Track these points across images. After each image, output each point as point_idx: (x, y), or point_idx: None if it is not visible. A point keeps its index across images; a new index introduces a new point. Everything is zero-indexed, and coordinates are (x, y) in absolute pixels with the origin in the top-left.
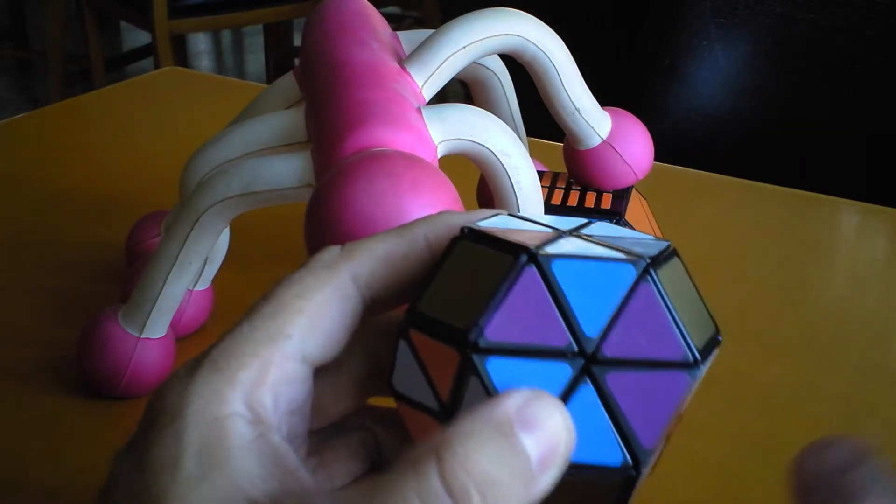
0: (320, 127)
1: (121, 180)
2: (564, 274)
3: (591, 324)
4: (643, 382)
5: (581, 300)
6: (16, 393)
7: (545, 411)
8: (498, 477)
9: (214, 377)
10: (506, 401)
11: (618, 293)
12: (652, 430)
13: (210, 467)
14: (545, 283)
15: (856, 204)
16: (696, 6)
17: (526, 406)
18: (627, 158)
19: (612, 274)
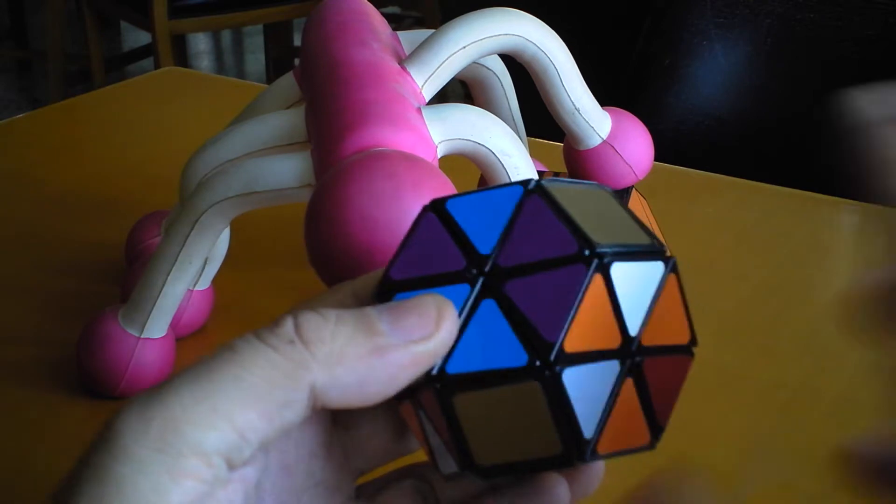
0: (320, 127)
1: (121, 180)
2: (459, 209)
3: (485, 243)
4: (541, 284)
5: (475, 226)
6: (16, 393)
7: (411, 300)
8: (327, 313)
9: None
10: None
11: (509, 210)
12: (553, 326)
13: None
14: (442, 222)
15: (856, 204)
16: (696, 6)
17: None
18: (627, 158)
19: (502, 197)
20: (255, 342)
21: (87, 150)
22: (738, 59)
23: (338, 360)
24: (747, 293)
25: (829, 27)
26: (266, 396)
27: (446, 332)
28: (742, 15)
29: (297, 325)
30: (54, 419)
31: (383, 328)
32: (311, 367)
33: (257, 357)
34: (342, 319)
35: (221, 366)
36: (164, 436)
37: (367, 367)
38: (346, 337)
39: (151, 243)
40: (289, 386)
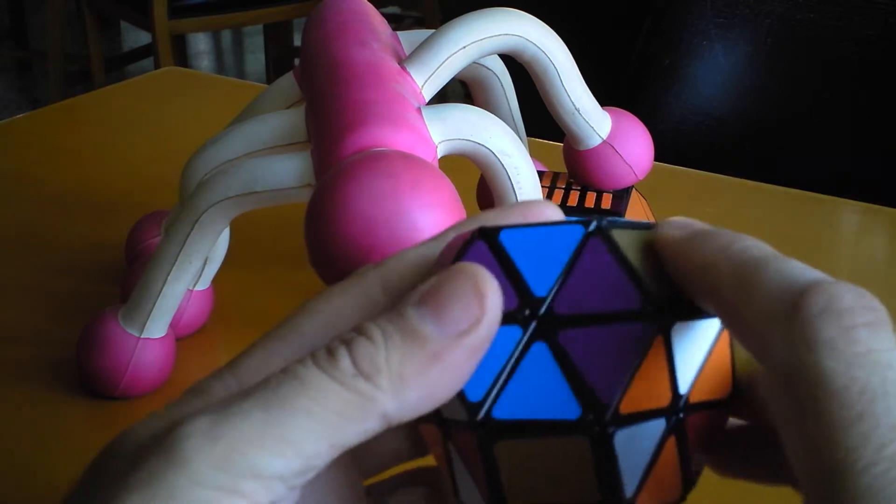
0: (320, 127)
1: (121, 180)
2: (513, 242)
3: (541, 285)
4: (599, 337)
5: (530, 264)
6: (16, 393)
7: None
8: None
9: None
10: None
11: (567, 252)
12: (611, 385)
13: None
14: (494, 253)
15: (856, 204)
16: (696, 6)
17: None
18: (627, 158)
19: (562, 236)
20: (322, 375)
21: (87, 150)
22: (738, 59)
23: (401, 383)
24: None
25: (829, 27)
26: (339, 429)
27: (493, 312)
28: (742, 15)
29: (353, 358)
30: (54, 419)
31: (430, 331)
32: (378, 398)
33: (327, 391)
34: (389, 337)
35: (292, 396)
36: (229, 455)
37: (430, 378)
38: (399, 356)
39: (151, 243)
40: (361, 419)
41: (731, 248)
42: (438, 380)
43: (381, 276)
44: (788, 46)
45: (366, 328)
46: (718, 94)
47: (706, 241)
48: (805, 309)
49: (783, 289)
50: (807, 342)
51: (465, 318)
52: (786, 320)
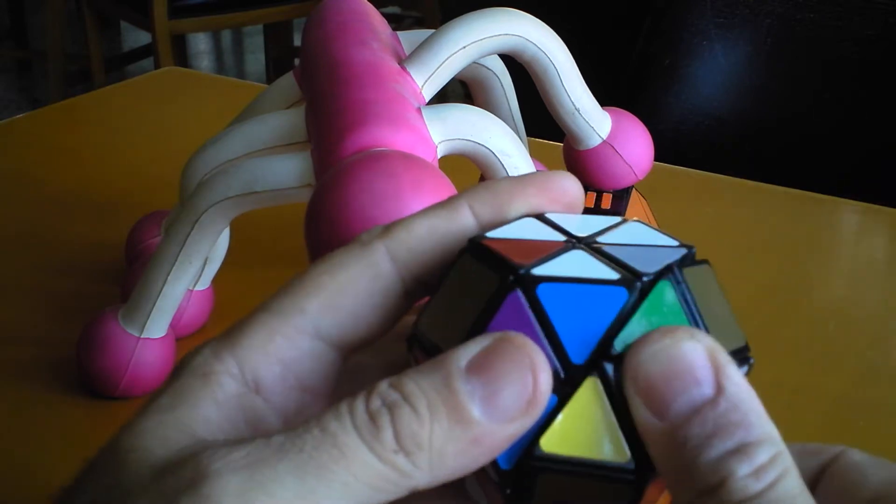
0: (320, 127)
1: (121, 180)
2: (551, 297)
3: (579, 349)
4: None
5: (568, 324)
6: (16, 393)
7: (502, 358)
8: (416, 403)
9: (221, 343)
10: (461, 347)
11: (608, 316)
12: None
13: (176, 406)
14: (531, 307)
15: (856, 204)
16: (696, 6)
17: (482, 352)
18: (627, 158)
19: (602, 297)
20: (362, 445)
21: (87, 150)
22: (738, 59)
23: (439, 463)
24: (747, 293)
25: (829, 27)
26: (370, 498)
27: (543, 398)
28: (742, 15)
29: (396, 432)
30: (54, 419)
31: (477, 416)
32: (414, 476)
33: (366, 464)
34: (436, 413)
35: (329, 464)
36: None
37: (468, 457)
38: (442, 436)
39: (151, 243)
40: (392, 493)
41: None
42: (474, 459)
43: (389, 248)
44: (788, 46)
45: (410, 394)
46: (718, 94)
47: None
48: None
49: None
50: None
51: (516, 406)
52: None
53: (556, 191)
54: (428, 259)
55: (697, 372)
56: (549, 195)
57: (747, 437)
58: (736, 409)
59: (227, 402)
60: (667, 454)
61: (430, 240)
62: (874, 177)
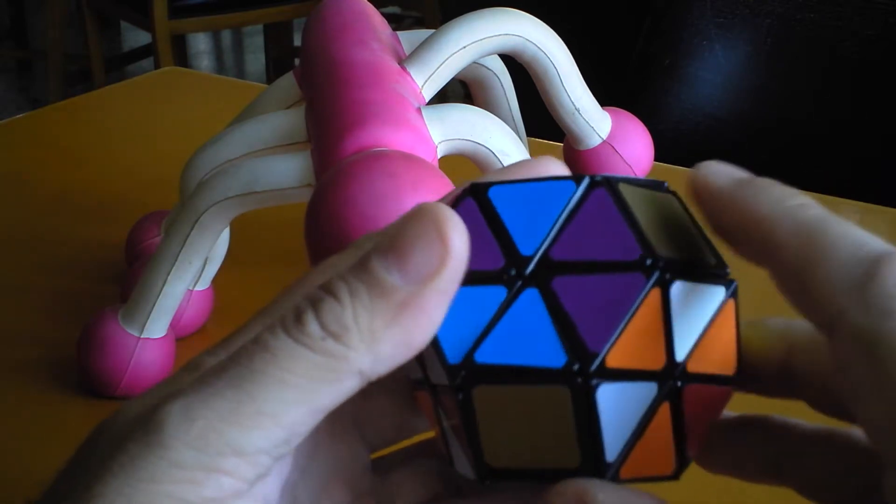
0: (320, 127)
1: (121, 180)
2: (503, 199)
3: (530, 242)
4: (593, 286)
5: (521, 221)
6: (16, 393)
7: (409, 225)
8: (337, 290)
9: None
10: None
11: (563, 204)
12: (600, 335)
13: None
14: (481, 209)
15: (856, 204)
16: (696, 6)
17: (391, 227)
18: (627, 158)
19: (558, 190)
20: (291, 342)
21: (87, 150)
22: (738, 59)
23: (372, 338)
24: (747, 293)
25: (829, 27)
26: (314, 394)
27: (458, 248)
28: (742, 15)
29: (320, 321)
30: (54, 419)
31: (395, 280)
32: (351, 357)
33: (297, 357)
34: (355, 293)
35: (263, 368)
36: (206, 435)
37: (401, 327)
38: (367, 311)
39: (151, 243)
40: (335, 380)
41: (788, 203)
42: (410, 328)
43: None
44: (788, 46)
45: (331, 286)
46: (718, 94)
47: (759, 192)
48: (881, 278)
49: (855, 255)
50: (888, 311)
51: (429, 263)
52: (860, 288)
53: (542, 171)
54: None
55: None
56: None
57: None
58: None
59: None
60: (803, 235)
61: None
62: (874, 177)
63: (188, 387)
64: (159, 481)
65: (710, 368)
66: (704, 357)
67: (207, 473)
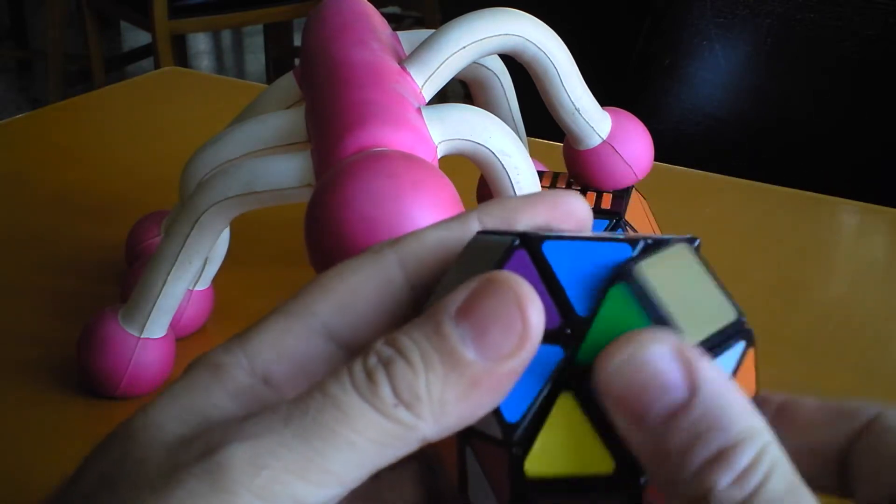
0: (320, 127)
1: (121, 180)
2: (556, 253)
3: (583, 301)
4: None
5: (574, 280)
6: (16, 393)
7: (488, 297)
8: (410, 355)
9: (232, 341)
10: (449, 297)
11: (607, 273)
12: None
13: (189, 393)
14: (535, 263)
15: (856, 204)
16: (696, 6)
17: (469, 295)
18: (627, 158)
19: (606, 252)
20: (363, 403)
21: (87, 150)
22: (738, 59)
23: (441, 411)
24: (747, 293)
25: (829, 27)
26: (378, 458)
27: (536, 333)
28: (742, 15)
29: (393, 386)
30: (54, 419)
31: (471, 357)
32: (419, 428)
33: (368, 421)
34: (429, 362)
35: (333, 426)
36: (271, 487)
37: (470, 402)
38: (440, 384)
39: (151, 243)
40: (401, 447)
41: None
42: (478, 403)
43: (399, 257)
44: (788, 46)
45: (403, 348)
46: (718, 94)
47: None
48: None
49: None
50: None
51: (508, 343)
52: None
53: (564, 209)
54: (437, 268)
55: (666, 377)
56: (557, 213)
57: (726, 440)
58: (712, 409)
59: (238, 393)
60: (654, 463)
61: (440, 249)
62: (874, 177)
63: (249, 426)
64: None
65: None
66: None
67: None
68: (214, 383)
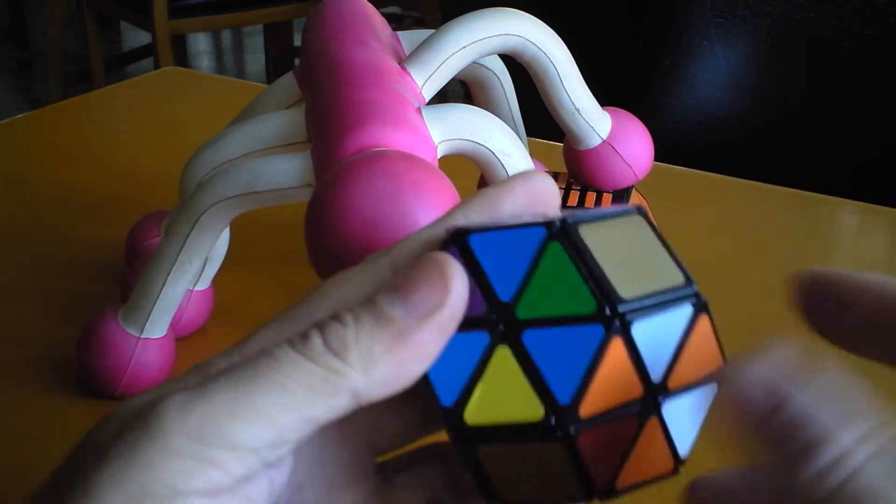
0: (320, 127)
1: (121, 180)
2: (482, 246)
3: (507, 289)
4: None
5: (498, 268)
6: (16, 393)
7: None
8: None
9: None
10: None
11: (531, 254)
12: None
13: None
14: (463, 255)
15: (856, 204)
16: (696, 6)
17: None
18: (627, 158)
19: (526, 238)
20: (294, 353)
21: (87, 150)
22: (738, 59)
23: (369, 361)
24: (747, 293)
25: (829, 27)
26: (310, 404)
27: (458, 291)
28: (742, 15)
29: (324, 338)
30: (54, 419)
31: (397, 313)
32: (347, 374)
33: (298, 367)
34: (359, 319)
35: (265, 372)
36: (203, 427)
37: (397, 356)
38: (368, 336)
39: (151, 243)
40: (330, 394)
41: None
42: (406, 358)
43: (392, 260)
44: (788, 46)
45: (339, 314)
46: (718, 94)
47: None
48: None
49: None
50: None
51: (430, 300)
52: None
53: (534, 189)
54: None
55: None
56: (532, 192)
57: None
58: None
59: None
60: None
61: (430, 247)
62: (874, 177)
63: (191, 384)
64: (154, 468)
65: (694, 377)
66: (686, 371)
67: (200, 464)
68: (194, 375)
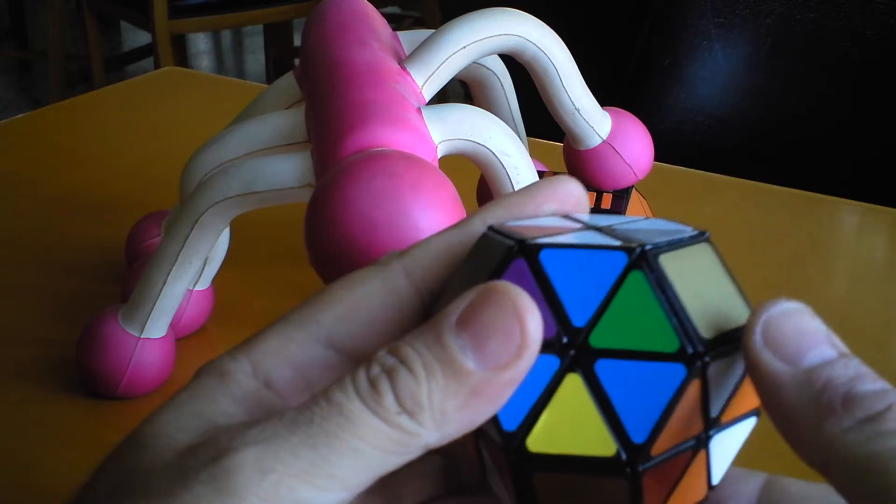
0: (320, 127)
1: (121, 180)
2: (553, 264)
3: (580, 313)
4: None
5: (570, 289)
6: (16, 393)
7: (488, 308)
8: (412, 364)
9: (237, 348)
10: (448, 307)
11: (609, 280)
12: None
13: (195, 400)
14: (533, 272)
15: (856, 204)
16: (696, 6)
17: (469, 306)
18: (627, 158)
19: (603, 262)
20: (367, 412)
21: (87, 151)
22: (738, 59)
23: (443, 419)
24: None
25: (829, 27)
26: (382, 463)
27: (534, 344)
28: (742, 15)
29: (396, 395)
30: (54, 419)
31: (470, 367)
32: (422, 434)
33: (372, 429)
34: (431, 372)
35: (337, 432)
36: (277, 490)
37: (469, 411)
38: (441, 393)
39: (151, 243)
40: (404, 453)
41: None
42: (478, 410)
43: (405, 265)
44: (788, 46)
45: (406, 357)
46: (718, 94)
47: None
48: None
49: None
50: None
51: (506, 352)
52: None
53: (562, 193)
54: (444, 274)
55: (826, 335)
56: (557, 198)
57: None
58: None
59: (243, 398)
60: (805, 394)
61: (446, 254)
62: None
63: (256, 432)
64: None
65: (740, 411)
66: (734, 408)
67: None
68: (220, 390)
